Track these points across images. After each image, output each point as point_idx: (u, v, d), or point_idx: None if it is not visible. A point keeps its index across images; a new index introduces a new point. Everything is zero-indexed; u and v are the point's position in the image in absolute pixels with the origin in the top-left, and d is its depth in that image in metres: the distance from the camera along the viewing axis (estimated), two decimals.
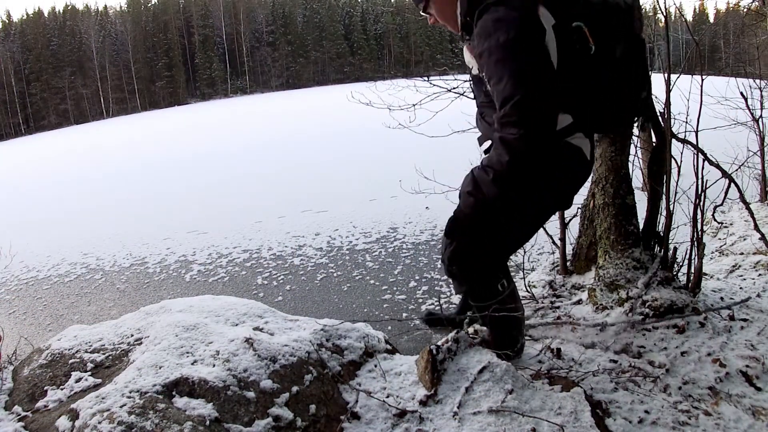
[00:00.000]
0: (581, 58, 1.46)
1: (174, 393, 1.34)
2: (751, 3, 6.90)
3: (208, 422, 1.27)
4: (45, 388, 1.47)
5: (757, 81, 5.73)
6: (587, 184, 2.33)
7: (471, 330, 1.84)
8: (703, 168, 2.23)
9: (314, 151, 17.35)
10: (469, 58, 1.60)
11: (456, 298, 6.65)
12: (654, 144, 2.18)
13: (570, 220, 2.67)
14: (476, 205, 1.54)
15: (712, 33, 53.74)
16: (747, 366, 1.68)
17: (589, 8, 1.48)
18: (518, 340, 1.73)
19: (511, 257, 1.84)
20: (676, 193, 2.30)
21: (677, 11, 3.27)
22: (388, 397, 1.50)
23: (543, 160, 1.43)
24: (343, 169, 14.39)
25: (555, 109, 1.42)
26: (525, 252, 2.70)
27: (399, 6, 66.30)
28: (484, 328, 1.83)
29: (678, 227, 2.33)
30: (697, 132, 2.33)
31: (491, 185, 1.47)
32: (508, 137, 1.40)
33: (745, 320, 1.97)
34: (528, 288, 2.51)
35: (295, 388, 1.45)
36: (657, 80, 2.01)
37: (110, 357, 1.58)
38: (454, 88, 4.06)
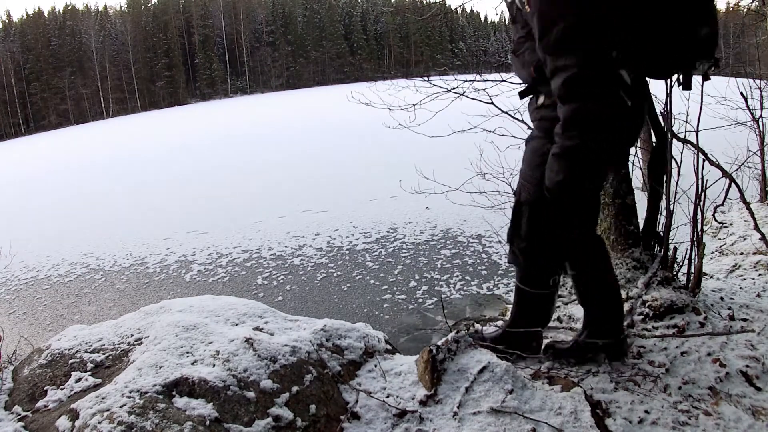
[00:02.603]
0: None
1: (174, 393, 1.34)
2: (751, 3, 6.90)
3: (208, 422, 1.27)
4: (45, 388, 1.47)
5: (757, 81, 5.73)
6: None
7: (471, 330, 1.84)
8: (703, 168, 2.23)
9: (314, 151, 17.36)
10: None
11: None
12: (654, 144, 2.18)
13: None
14: (578, 187, 1.35)
15: None
16: (747, 366, 1.67)
17: None
18: (534, 340, 1.73)
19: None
20: (676, 193, 2.30)
21: None
22: (388, 397, 1.50)
23: (610, 90, 1.23)
24: (343, 169, 14.40)
25: (610, 36, 1.24)
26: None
27: (399, 6, 66.41)
28: (483, 327, 1.83)
29: (678, 227, 2.33)
30: (697, 132, 2.33)
31: (583, 151, 1.28)
32: (568, 73, 1.23)
33: (745, 320, 1.97)
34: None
35: (295, 388, 1.45)
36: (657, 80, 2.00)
37: (110, 357, 1.58)
38: (454, 88, 4.06)
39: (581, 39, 1.22)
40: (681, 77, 1.47)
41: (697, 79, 2.34)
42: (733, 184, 2.40)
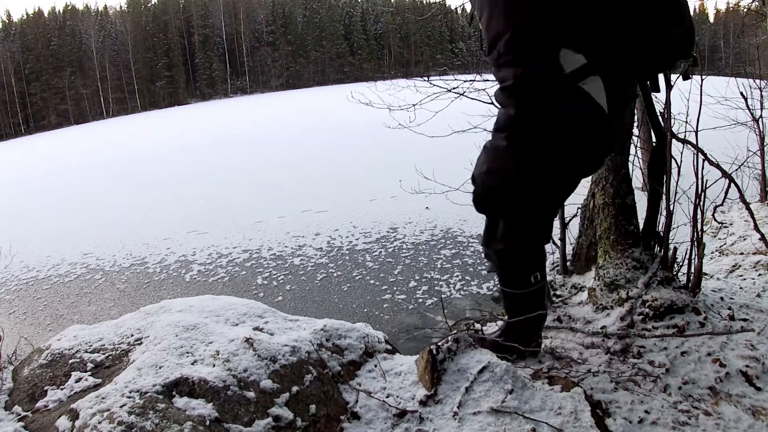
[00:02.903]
0: None
1: (174, 393, 1.34)
2: (751, 3, 6.90)
3: (208, 422, 1.27)
4: (45, 388, 1.47)
5: (757, 81, 5.74)
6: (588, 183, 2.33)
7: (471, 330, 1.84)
8: (703, 168, 2.23)
9: (314, 151, 17.36)
10: None
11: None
12: (654, 144, 2.18)
13: (570, 220, 2.67)
14: (498, 182, 1.40)
15: (712, 33, 53.76)
16: (747, 366, 1.67)
17: None
18: (533, 340, 1.73)
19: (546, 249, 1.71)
20: (676, 193, 2.30)
21: None
22: (388, 397, 1.50)
23: (553, 106, 1.26)
24: (343, 169, 14.39)
25: (555, 44, 1.25)
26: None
27: (399, 6, 66.39)
28: (483, 327, 1.84)
29: (678, 227, 2.33)
30: (697, 132, 2.33)
31: (508, 152, 1.32)
32: (507, 83, 1.26)
33: (745, 320, 1.97)
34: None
35: (295, 388, 1.45)
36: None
37: (110, 357, 1.58)
38: (454, 88, 4.07)
39: (522, 53, 1.24)
40: (653, 79, 1.48)
41: (696, 79, 2.36)
42: (732, 184, 2.40)
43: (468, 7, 1.54)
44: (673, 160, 2.23)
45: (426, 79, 4.31)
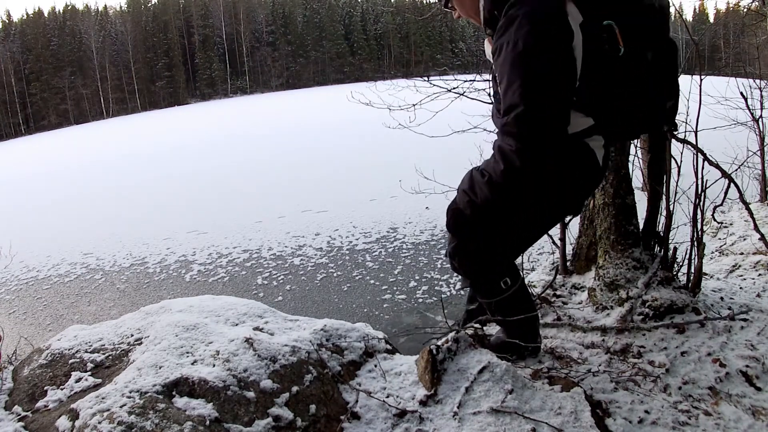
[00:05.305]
0: (609, 60, 1.35)
1: (174, 393, 1.35)
2: (751, 3, 6.89)
3: (208, 422, 1.27)
4: (45, 388, 1.47)
5: (757, 81, 5.73)
6: None
7: (470, 331, 1.84)
8: (703, 168, 2.23)
9: (314, 151, 17.35)
10: (489, 51, 1.53)
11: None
12: (654, 144, 2.18)
13: (570, 220, 2.66)
14: (471, 205, 1.51)
15: (712, 33, 53.78)
16: (747, 366, 1.68)
17: (620, 6, 1.36)
18: (533, 340, 1.73)
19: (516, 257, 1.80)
20: (676, 193, 2.30)
21: (677, 11, 3.28)
22: (388, 397, 1.50)
23: (542, 170, 1.38)
24: (343, 168, 14.39)
25: (562, 125, 1.36)
26: (525, 252, 2.69)
27: (399, 6, 66.36)
28: (485, 327, 1.83)
29: (678, 227, 2.33)
30: (696, 132, 2.33)
31: (485, 188, 1.45)
32: (505, 147, 1.37)
33: (745, 320, 1.97)
34: (528, 288, 2.50)
35: (295, 388, 1.45)
36: None
37: (110, 357, 1.58)
38: (454, 88, 4.06)
39: (528, 130, 1.34)
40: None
41: (696, 80, 2.36)
42: (732, 184, 2.40)
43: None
44: (673, 160, 2.24)
45: (426, 79, 4.30)
